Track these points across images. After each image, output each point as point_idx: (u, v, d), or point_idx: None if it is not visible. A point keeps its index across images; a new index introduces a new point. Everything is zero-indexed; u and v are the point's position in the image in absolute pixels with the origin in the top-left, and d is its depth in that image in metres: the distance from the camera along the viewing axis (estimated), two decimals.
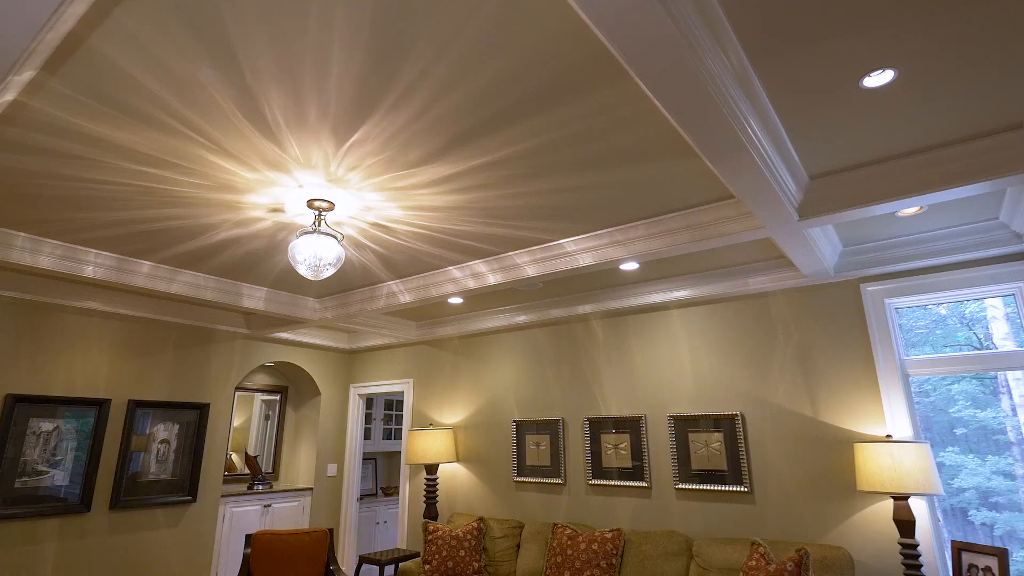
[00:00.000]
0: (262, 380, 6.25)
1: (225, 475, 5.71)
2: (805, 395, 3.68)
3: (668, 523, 4.05)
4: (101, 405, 4.41)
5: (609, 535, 3.88)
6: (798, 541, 3.48)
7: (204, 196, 2.75)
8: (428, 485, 5.01)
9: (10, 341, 4.05)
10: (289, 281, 4.28)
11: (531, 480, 4.75)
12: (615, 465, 4.38)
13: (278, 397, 6.32)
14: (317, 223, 2.76)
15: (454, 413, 5.42)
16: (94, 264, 3.51)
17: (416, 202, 2.83)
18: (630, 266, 3.85)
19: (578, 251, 3.38)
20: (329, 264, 2.71)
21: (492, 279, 3.76)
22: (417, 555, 4.75)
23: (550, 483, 4.65)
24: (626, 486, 4.28)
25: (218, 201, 2.81)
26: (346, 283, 4.33)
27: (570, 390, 4.75)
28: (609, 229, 3.21)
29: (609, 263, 3.33)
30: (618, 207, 2.92)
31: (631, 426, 4.36)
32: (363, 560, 4.62)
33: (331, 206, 2.79)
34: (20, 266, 3.25)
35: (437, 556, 4.24)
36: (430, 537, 4.35)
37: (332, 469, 6.09)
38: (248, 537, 4.08)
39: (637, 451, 4.29)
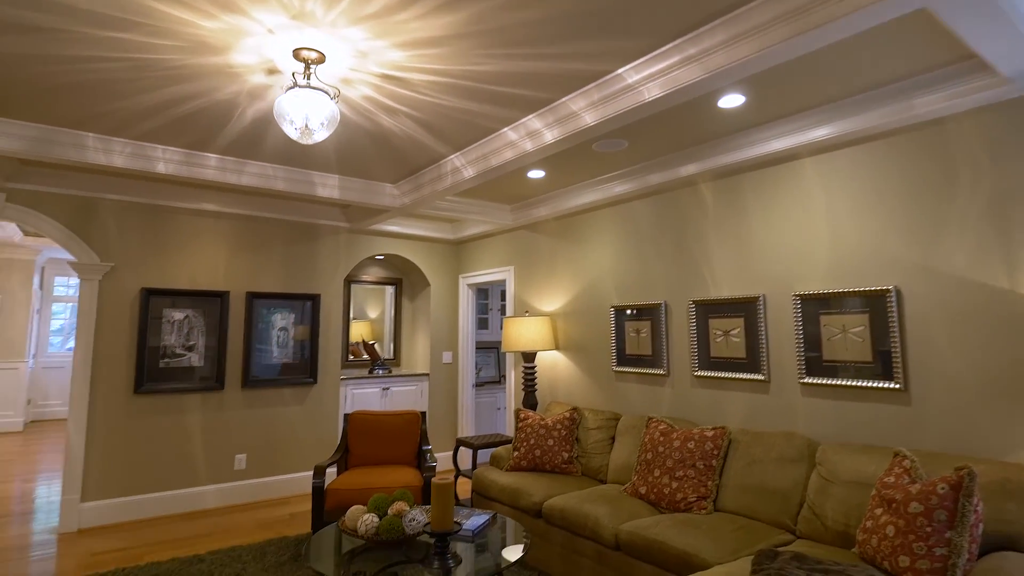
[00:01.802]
0: (376, 272, 6.43)
1: (351, 360, 6.12)
2: (998, 259, 2.56)
3: (790, 423, 3.31)
4: (222, 296, 4.82)
5: (710, 433, 3.29)
6: (969, 456, 2.56)
7: (193, 63, 2.52)
8: (526, 373, 4.79)
9: (138, 242, 4.51)
10: (354, 166, 4.06)
11: (631, 370, 4.24)
12: (726, 355, 3.66)
13: (393, 289, 6.50)
14: (306, 76, 2.37)
15: (553, 300, 5.02)
16: (163, 160, 3.61)
17: (408, 35, 2.28)
18: (732, 100, 2.90)
19: (641, 81, 2.56)
20: (320, 124, 2.34)
21: (550, 136, 3.11)
22: (511, 441, 4.65)
23: (651, 374, 4.10)
24: (739, 379, 3.57)
25: (210, 68, 2.55)
26: (409, 163, 3.99)
27: (673, 269, 4.01)
28: (675, 42, 2.34)
29: (686, 91, 2.47)
30: (675, 1, 2.06)
31: (746, 308, 3.56)
32: (459, 443, 4.64)
33: (320, 56, 2.38)
34: (96, 166, 3.44)
35: (525, 444, 4.05)
36: (520, 425, 4.17)
37: (447, 357, 6.20)
38: (346, 416, 4.27)
39: (753, 338, 3.52)
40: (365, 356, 6.24)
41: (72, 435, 4.19)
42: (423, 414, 4.33)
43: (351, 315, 6.24)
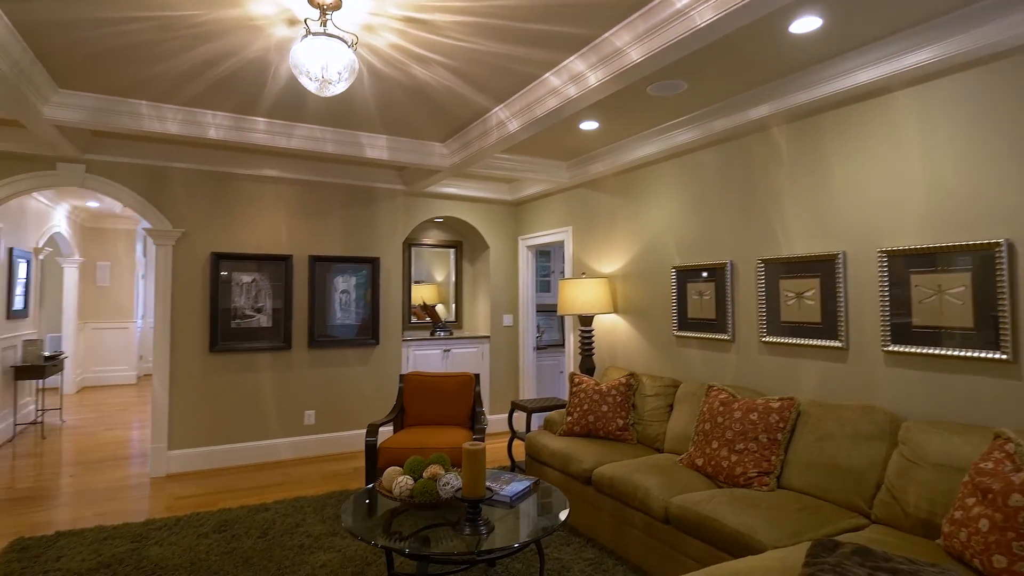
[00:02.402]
0: (437, 235, 6.41)
1: (414, 322, 6.20)
2: None
3: (869, 396, 2.94)
4: (286, 260, 4.98)
5: (776, 404, 2.99)
6: None
7: (212, 18, 2.48)
8: (583, 337, 4.61)
9: (205, 207, 4.71)
10: (399, 125, 3.97)
11: (693, 335, 3.95)
12: (798, 319, 3.30)
13: (453, 251, 6.46)
14: (322, 23, 2.26)
15: (612, 261, 4.76)
16: (214, 125, 3.69)
17: None
18: (807, 24, 2.49)
19: (691, 3, 2.23)
20: (338, 74, 2.23)
21: (594, 79, 2.83)
22: (564, 406, 4.52)
23: (715, 339, 3.79)
24: (812, 345, 3.21)
25: (232, 22, 2.51)
26: (453, 118, 3.84)
27: (741, 225, 3.64)
28: None
29: (745, 11, 2.13)
30: None
31: (823, 267, 3.17)
32: (514, 405, 4.58)
33: (337, 1, 2.25)
34: (153, 133, 3.57)
35: (579, 409, 3.91)
36: (574, 389, 4.03)
37: (508, 319, 6.13)
38: (402, 377, 4.31)
39: (830, 300, 3.13)
40: (427, 318, 6.30)
41: (157, 390, 4.53)
42: (476, 376, 4.29)
43: (414, 278, 6.29)
